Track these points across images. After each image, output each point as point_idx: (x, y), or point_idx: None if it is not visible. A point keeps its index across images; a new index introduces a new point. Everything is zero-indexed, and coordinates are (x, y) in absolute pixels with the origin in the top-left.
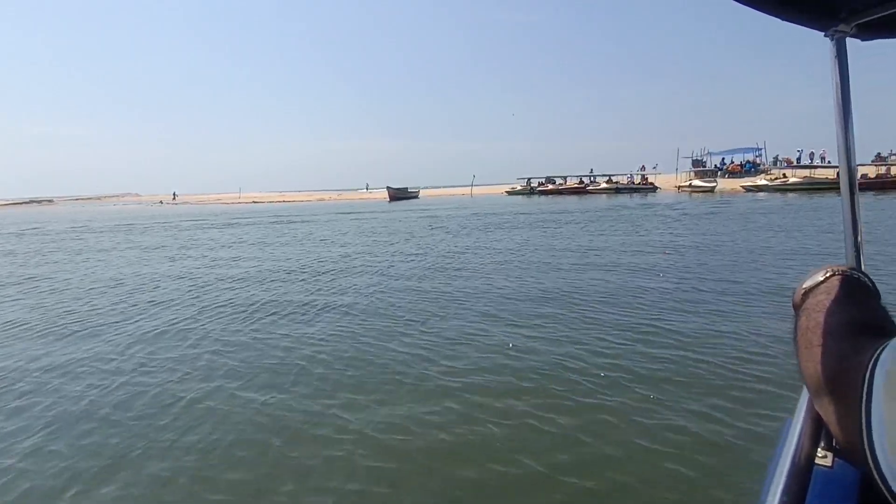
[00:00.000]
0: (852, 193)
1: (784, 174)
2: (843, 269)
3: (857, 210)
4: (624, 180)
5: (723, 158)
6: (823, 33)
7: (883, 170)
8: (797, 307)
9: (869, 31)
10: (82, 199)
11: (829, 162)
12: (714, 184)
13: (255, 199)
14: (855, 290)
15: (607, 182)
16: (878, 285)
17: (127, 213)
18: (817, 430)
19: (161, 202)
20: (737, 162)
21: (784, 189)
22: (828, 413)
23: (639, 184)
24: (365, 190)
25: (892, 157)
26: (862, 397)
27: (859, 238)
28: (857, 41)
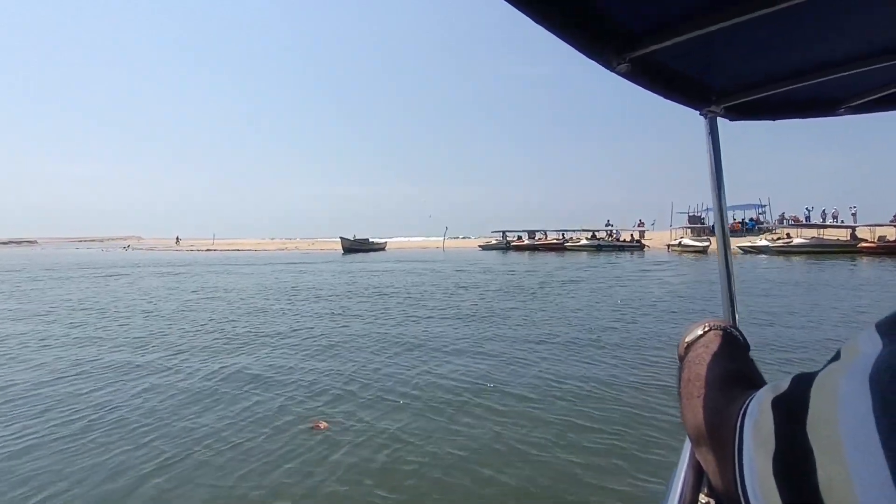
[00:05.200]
0: (726, 254)
1: (788, 234)
2: (720, 323)
3: (730, 268)
4: (606, 236)
5: None
6: (698, 112)
7: None
8: (681, 359)
9: (735, 113)
10: (72, 240)
11: (842, 221)
12: (707, 243)
13: (209, 248)
14: (728, 343)
15: (588, 238)
16: (747, 339)
17: (70, 259)
18: (699, 477)
19: (128, 247)
20: (738, 219)
21: (788, 251)
22: (707, 461)
23: (624, 241)
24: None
25: None
26: (735, 446)
27: (733, 294)
28: (727, 121)
